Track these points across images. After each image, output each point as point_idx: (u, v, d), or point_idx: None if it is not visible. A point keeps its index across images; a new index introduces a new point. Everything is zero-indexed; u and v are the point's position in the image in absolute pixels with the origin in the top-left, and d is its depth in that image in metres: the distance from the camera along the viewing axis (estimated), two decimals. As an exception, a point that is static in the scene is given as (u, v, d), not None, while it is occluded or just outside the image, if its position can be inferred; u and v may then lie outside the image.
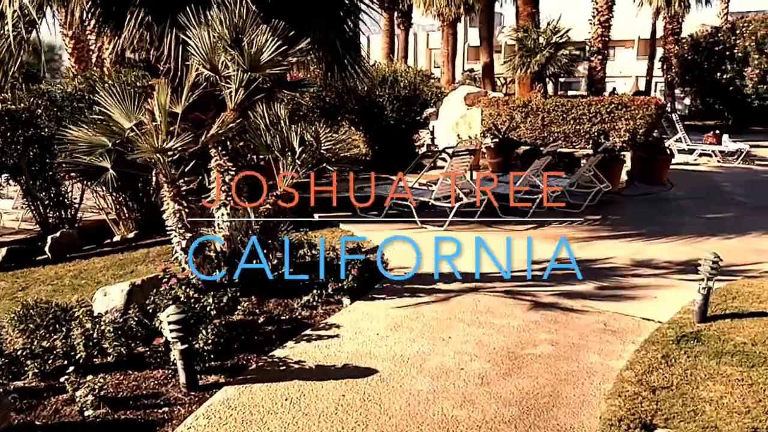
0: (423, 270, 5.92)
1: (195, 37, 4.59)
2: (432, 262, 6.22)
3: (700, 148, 14.48)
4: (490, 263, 6.21)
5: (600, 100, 15.79)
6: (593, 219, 8.38)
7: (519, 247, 6.84)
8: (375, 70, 13.05)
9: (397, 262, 6.17)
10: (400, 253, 6.56)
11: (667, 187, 10.76)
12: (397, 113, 12.76)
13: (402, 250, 6.67)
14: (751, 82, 24.28)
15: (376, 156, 13.36)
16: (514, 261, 6.31)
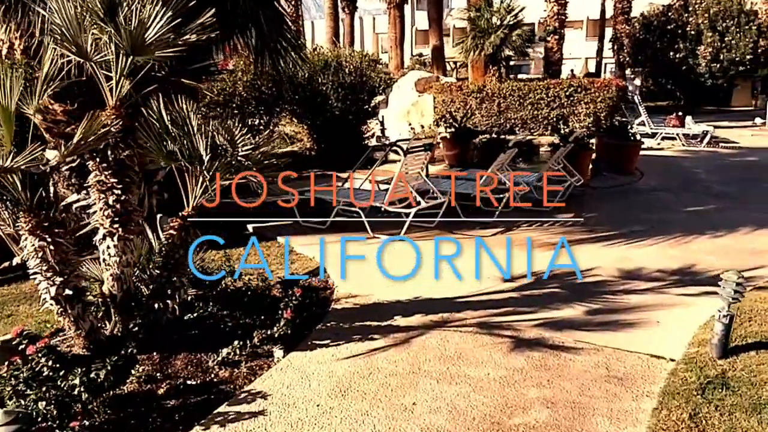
0: (377, 297, 4.84)
1: (56, 11, 3.36)
2: (387, 285, 5.14)
3: (664, 131, 13.81)
4: (456, 282, 5.18)
5: (558, 83, 14.95)
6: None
7: (488, 258, 5.83)
8: (316, 55, 11.85)
9: (346, 287, 5.07)
10: (349, 273, 5.47)
11: (638, 177, 9.95)
12: (342, 102, 11.60)
13: (351, 270, 5.58)
14: (705, 61, 23.97)
15: (321, 151, 12.20)
16: (484, 277, 5.29)
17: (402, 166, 6.49)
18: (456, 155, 11.19)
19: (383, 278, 5.30)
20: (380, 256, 5.98)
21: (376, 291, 4.95)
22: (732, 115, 22.21)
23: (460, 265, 5.65)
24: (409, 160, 6.62)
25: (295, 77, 11.56)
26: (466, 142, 11.15)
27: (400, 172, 6.54)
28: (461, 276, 5.33)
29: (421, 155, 6.73)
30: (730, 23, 24.14)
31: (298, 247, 6.35)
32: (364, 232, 6.73)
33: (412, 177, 6.81)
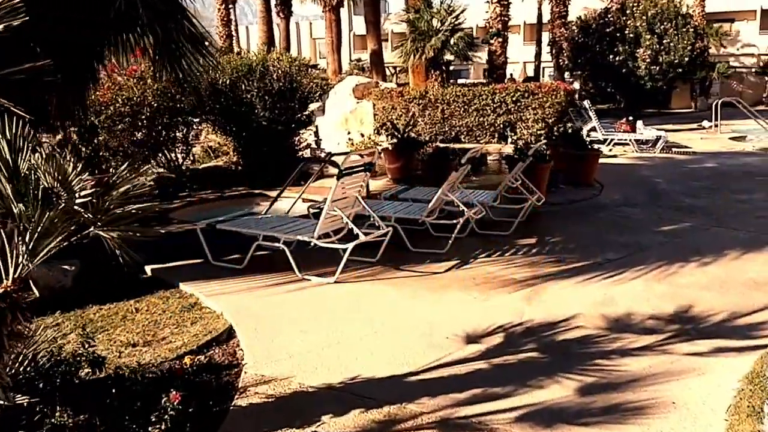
0: (300, 380, 3.60)
1: None
2: (315, 356, 3.92)
3: (616, 137, 13.07)
4: (407, 346, 4.00)
5: (504, 88, 14.07)
6: (528, 243, 6.40)
7: (445, 308, 4.69)
8: (240, 59, 10.52)
9: (259, 364, 3.81)
10: (266, 337, 4.22)
11: (598, 190, 9.04)
12: (270, 111, 10.30)
13: (268, 331, 4.33)
14: (644, 64, 23.71)
15: (248, 165, 10.85)
16: (443, 336, 4.13)
17: (336, 191, 5.28)
18: (399, 168, 10.06)
19: (310, 345, 4.07)
20: (307, 308, 4.75)
21: (300, 369, 3.70)
22: (673, 118, 22.02)
23: (410, 319, 4.48)
24: (347, 183, 5.41)
25: (216, 84, 10.25)
26: (410, 153, 10.04)
27: (334, 198, 5.32)
28: (413, 336, 4.16)
29: (359, 177, 5.54)
30: (668, 26, 23.99)
31: (204, 299, 5.03)
32: (290, 273, 5.48)
33: (348, 203, 5.61)
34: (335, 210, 5.34)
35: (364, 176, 5.59)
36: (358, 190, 5.65)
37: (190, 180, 10.53)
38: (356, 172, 5.41)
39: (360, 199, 5.68)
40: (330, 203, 5.28)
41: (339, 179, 5.21)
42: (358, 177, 5.54)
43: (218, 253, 6.03)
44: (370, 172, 5.64)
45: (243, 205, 9.45)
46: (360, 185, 5.65)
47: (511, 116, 13.90)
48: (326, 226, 5.46)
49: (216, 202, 9.47)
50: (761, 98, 27.08)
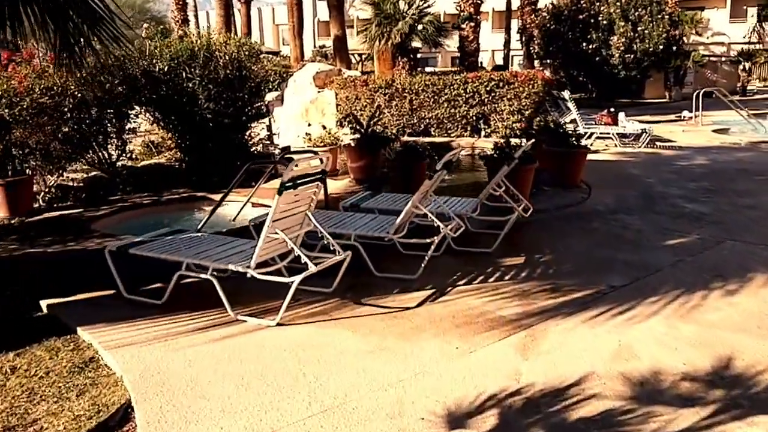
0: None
1: None
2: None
3: (598, 130, 12.13)
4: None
5: (477, 77, 12.99)
6: (516, 265, 5.34)
7: (419, 367, 3.59)
8: (179, 42, 9.23)
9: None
10: (177, 417, 3.07)
11: (586, 192, 8.05)
12: (215, 102, 9.06)
13: (180, 412, 3.18)
14: (618, 52, 22.95)
15: (192, 164, 9.60)
16: (414, 417, 3.04)
17: (276, 209, 4.12)
18: (363, 167, 8.92)
19: (237, 429, 2.94)
20: (237, 369, 3.61)
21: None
22: (648, 108, 21.25)
23: (373, 387, 3.37)
24: (300, 193, 4.26)
25: (151, 71, 8.96)
26: (375, 150, 8.91)
27: (276, 214, 4.17)
28: (376, 419, 3.05)
29: (309, 189, 4.39)
30: (643, 12, 23.27)
31: (104, 353, 3.85)
32: (222, 310, 4.33)
33: (296, 221, 4.46)
34: (277, 232, 4.18)
35: (316, 186, 4.45)
36: (308, 205, 4.50)
37: (127, 180, 9.25)
38: (305, 183, 4.26)
39: (311, 217, 4.53)
40: (270, 224, 4.12)
41: (281, 194, 4.05)
42: (309, 189, 4.39)
43: (137, 280, 4.86)
44: (324, 182, 4.49)
45: (182, 211, 8.24)
46: (311, 198, 4.50)
47: (485, 107, 12.87)
48: (266, 253, 4.31)
49: (152, 208, 8.22)
50: (735, 88, 26.57)
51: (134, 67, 8.98)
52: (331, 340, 3.96)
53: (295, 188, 4.19)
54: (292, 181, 4.11)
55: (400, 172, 7.94)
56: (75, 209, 8.01)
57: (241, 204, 7.66)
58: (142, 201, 8.38)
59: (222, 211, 8.28)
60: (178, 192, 8.82)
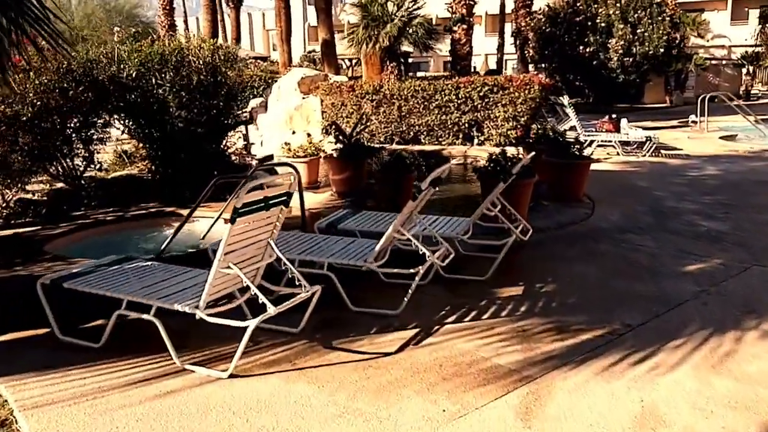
0: None
1: None
2: None
3: (599, 138, 11.47)
4: None
5: (470, 82, 12.31)
6: (513, 296, 4.66)
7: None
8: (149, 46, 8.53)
9: None
10: None
11: (589, 208, 7.38)
12: (187, 110, 8.35)
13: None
14: (616, 55, 22.33)
15: (163, 176, 8.89)
16: None
17: (228, 240, 3.43)
18: (346, 180, 8.23)
19: None
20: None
21: None
22: (648, 114, 20.69)
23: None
24: (255, 220, 3.56)
25: (119, 77, 8.27)
26: (359, 162, 8.23)
27: (228, 251, 3.47)
28: None
29: (271, 216, 3.69)
30: (642, 14, 22.67)
31: (20, 415, 3.15)
32: (168, 356, 3.63)
33: (255, 252, 3.77)
34: (231, 266, 3.49)
35: (278, 212, 3.75)
36: (270, 232, 3.81)
37: (95, 193, 8.54)
38: (264, 207, 3.57)
39: (273, 246, 3.83)
40: (222, 257, 3.42)
41: (234, 222, 3.35)
42: (270, 214, 3.69)
43: (77, 315, 4.17)
44: (287, 206, 3.79)
45: (149, 229, 7.54)
46: (273, 224, 3.80)
47: (478, 114, 12.20)
48: (218, 290, 3.61)
49: (116, 225, 7.51)
50: (738, 92, 26.00)
51: (102, 73, 8.29)
52: (291, 399, 3.26)
53: (253, 214, 3.49)
54: (248, 207, 3.42)
55: (386, 185, 7.26)
56: (33, 226, 7.30)
57: (213, 220, 6.99)
58: (105, 217, 7.67)
59: (193, 228, 7.60)
60: (147, 207, 8.12)
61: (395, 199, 7.10)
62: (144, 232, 7.40)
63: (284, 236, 4.94)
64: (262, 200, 3.50)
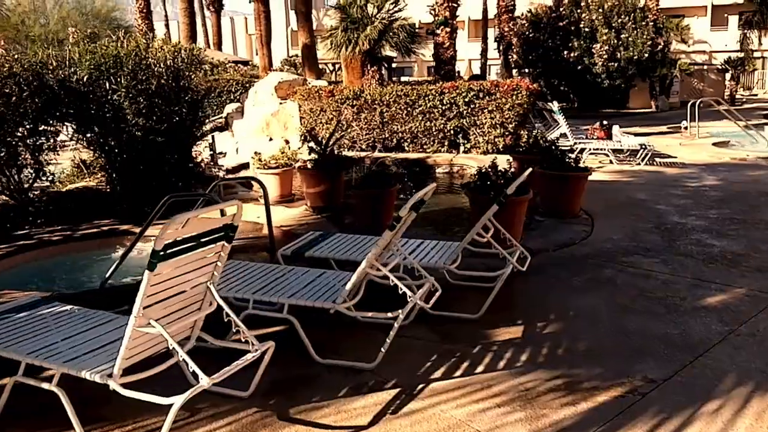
0: None
1: None
2: None
3: (591, 146, 10.83)
4: None
5: (455, 87, 11.63)
6: (511, 341, 3.94)
7: None
8: (102, 48, 7.73)
9: None
10: None
11: (588, 224, 6.70)
12: (146, 118, 7.57)
13: None
14: (601, 60, 21.84)
15: (123, 190, 8.09)
16: None
17: (147, 291, 2.66)
18: (321, 194, 7.49)
19: None
20: None
21: None
22: (634, 119, 20.14)
23: None
24: (173, 272, 2.81)
25: (68, 81, 7.46)
26: (335, 174, 7.49)
27: (147, 303, 2.71)
28: None
29: (207, 255, 2.94)
30: (626, 19, 22.22)
31: None
32: None
33: (188, 301, 3.01)
34: (153, 324, 2.72)
35: (220, 248, 3.00)
36: (209, 275, 3.05)
37: (45, 208, 7.73)
38: (196, 246, 2.81)
39: (214, 293, 3.07)
40: (140, 312, 2.66)
41: (153, 269, 2.59)
42: (208, 253, 2.94)
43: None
44: (230, 241, 3.04)
45: (99, 250, 6.75)
46: (214, 264, 3.05)
47: (464, 120, 11.53)
48: (137, 354, 2.85)
49: (61, 246, 6.70)
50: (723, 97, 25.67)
51: (51, 77, 7.48)
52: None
53: (177, 256, 2.74)
54: (174, 247, 2.66)
55: (365, 202, 6.52)
56: None
57: None
58: (51, 237, 6.85)
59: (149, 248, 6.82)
60: (100, 224, 7.31)
61: (376, 217, 6.40)
62: (92, 254, 6.60)
63: (238, 268, 4.19)
64: (193, 238, 2.75)
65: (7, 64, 6.97)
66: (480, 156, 11.30)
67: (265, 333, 3.92)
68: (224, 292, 3.78)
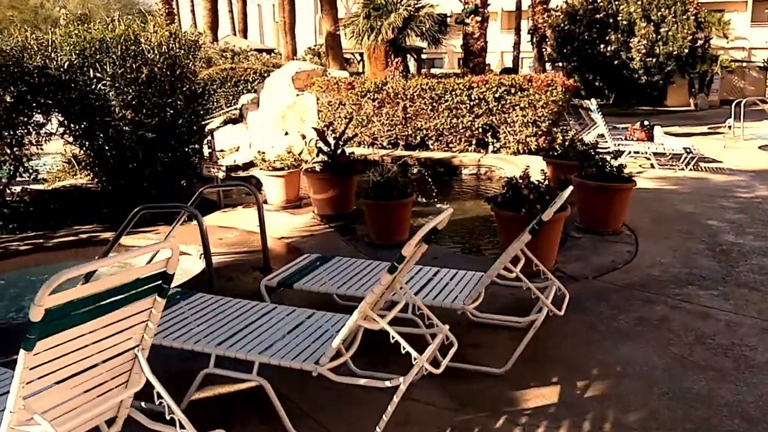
0: None
1: None
2: None
3: (631, 148, 9.83)
4: None
5: (484, 81, 10.70)
6: (545, 410, 3.08)
7: None
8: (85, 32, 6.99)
9: None
10: None
11: (631, 243, 5.79)
12: (135, 111, 6.83)
13: None
14: (639, 55, 20.64)
15: (112, 190, 7.39)
16: None
17: (24, 379, 1.86)
18: (329, 201, 6.67)
19: None
20: None
21: None
22: (672, 118, 18.94)
23: None
24: (79, 342, 2.01)
25: (47, 68, 6.75)
26: (347, 178, 6.66)
27: (26, 396, 1.92)
28: None
29: (135, 310, 2.14)
30: (666, 12, 20.98)
31: None
32: None
33: (101, 378, 2.20)
34: (38, 421, 1.92)
35: (151, 304, 2.19)
36: (139, 338, 2.24)
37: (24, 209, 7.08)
38: (109, 307, 2.01)
39: (142, 362, 2.26)
40: (16, 403, 1.86)
41: (29, 348, 1.79)
42: (132, 311, 2.13)
43: None
44: (164, 294, 2.22)
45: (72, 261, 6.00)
46: (143, 325, 2.24)
47: (493, 118, 10.61)
48: None
49: (30, 257, 5.98)
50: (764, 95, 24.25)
51: (30, 64, 6.77)
52: None
53: (79, 323, 1.93)
54: (67, 314, 1.86)
55: (376, 213, 5.68)
56: None
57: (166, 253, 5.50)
58: (19, 247, 6.12)
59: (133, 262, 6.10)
60: (79, 231, 6.59)
61: (388, 230, 5.57)
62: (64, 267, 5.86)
63: (202, 307, 3.38)
64: (101, 296, 1.94)
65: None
66: (510, 157, 10.39)
67: (229, 393, 3.14)
68: (180, 342, 2.99)
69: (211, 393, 3.24)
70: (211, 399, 3.20)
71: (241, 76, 16.83)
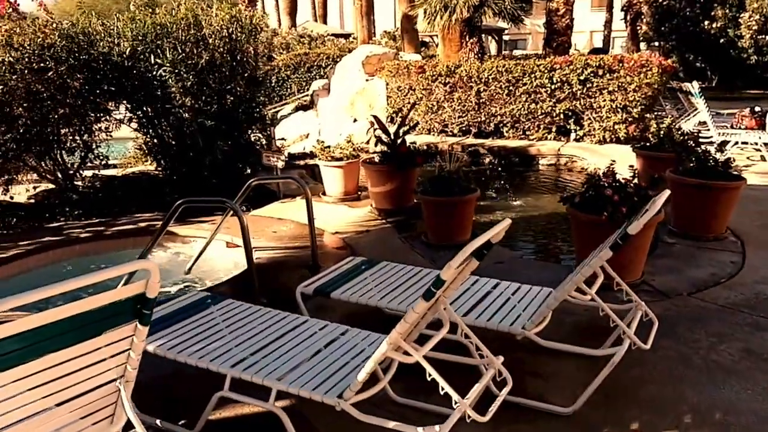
0: None
1: None
2: None
3: (738, 137, 8.74)
4: None
5: (568, 62, 9.86)
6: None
7: None
8: (149, 17, 6.80)
9: None
10: None
11: (736, 250, 4.98)
12: (194, 98, 6.59)
13: None
14: (749, 32, 18.82)
15: (174, 178, 7.25)
16: None
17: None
18: (387, 194, 6.20)
19: None
20: None
21: None
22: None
23: None
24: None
25: (109, 55, 6.61)
26: (406, 171, 6.16)
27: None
28: None
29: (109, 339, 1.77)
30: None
31: None
32: None
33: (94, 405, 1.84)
34: None
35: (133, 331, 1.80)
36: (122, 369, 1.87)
37: (93, 195, 7.07)
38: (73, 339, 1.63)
39: (124, 399, 1.88)
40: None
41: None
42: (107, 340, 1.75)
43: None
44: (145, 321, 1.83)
45: (127, 252, 5.86)
46: (125, 354, 1.85)
47: (577, 102, 9.78)
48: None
49: (89, 244, 5.89)
50: None
51: (94, 51, 6.67)
52: None
53: (37, 357, 1.55)
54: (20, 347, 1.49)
55: (433, 211, 5.15)
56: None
57: (218, 244, 5.33)
58: (80, 234, 6.05)
59: (185, 250, 5.93)
60: (139, 219, 6.47)
61: (447, 229, 5.06)
62: (117, 258, 5.71)
63: (223, 318, 3.00)
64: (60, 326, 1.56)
65: (41, 34, 6.18)
66: (594, 146, 9.55)
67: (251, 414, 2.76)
68: (194, 359, 2.63)
69: (230, 413, 2.87)
70: (231, 420, 2.84)
71: (315, 61, 16.58)
